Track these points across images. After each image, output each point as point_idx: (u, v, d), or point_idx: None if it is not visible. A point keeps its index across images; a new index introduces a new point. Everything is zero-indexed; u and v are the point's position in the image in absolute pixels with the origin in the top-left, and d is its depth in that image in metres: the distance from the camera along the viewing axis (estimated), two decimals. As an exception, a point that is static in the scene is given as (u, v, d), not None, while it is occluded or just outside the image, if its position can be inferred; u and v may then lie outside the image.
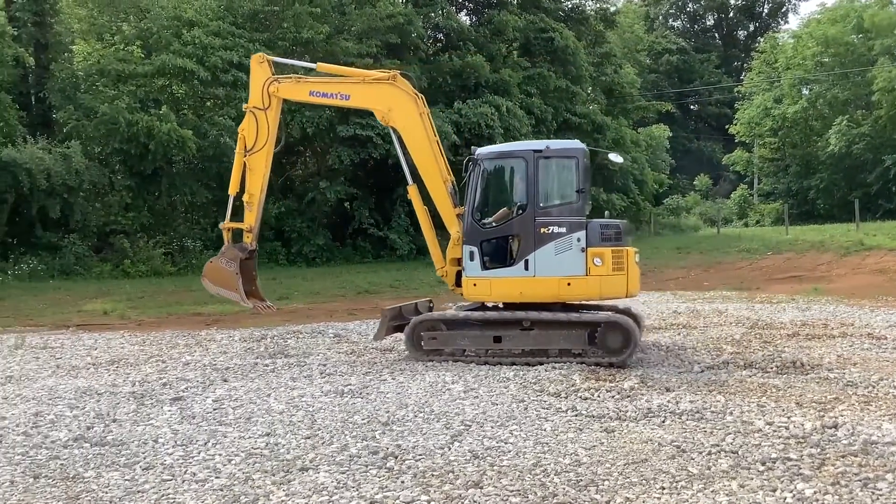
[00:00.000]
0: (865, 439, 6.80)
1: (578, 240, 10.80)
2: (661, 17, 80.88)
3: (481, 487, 5.97)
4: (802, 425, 7.31)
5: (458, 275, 11.67)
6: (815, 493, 5.66)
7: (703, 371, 10.23)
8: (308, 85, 12.73)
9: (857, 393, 8.73)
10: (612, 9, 50.02)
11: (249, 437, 7.45)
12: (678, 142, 63.82)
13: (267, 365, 11.38)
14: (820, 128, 51.24)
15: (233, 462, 6.71)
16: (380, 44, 33.16)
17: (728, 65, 77.99)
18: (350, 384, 9.79)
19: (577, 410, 8.22)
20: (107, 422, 8.17)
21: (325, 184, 32.10)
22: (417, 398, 8.94)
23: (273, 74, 12.47)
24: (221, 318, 17.19)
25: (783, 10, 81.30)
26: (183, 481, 6.29)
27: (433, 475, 6.27)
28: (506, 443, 7.11)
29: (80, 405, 8.93)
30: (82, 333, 15.34)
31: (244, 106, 12.65)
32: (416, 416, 8.11)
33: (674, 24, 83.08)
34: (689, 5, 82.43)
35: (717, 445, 6.82)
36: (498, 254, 11.21)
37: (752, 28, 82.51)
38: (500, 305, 11.58)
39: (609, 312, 11.27)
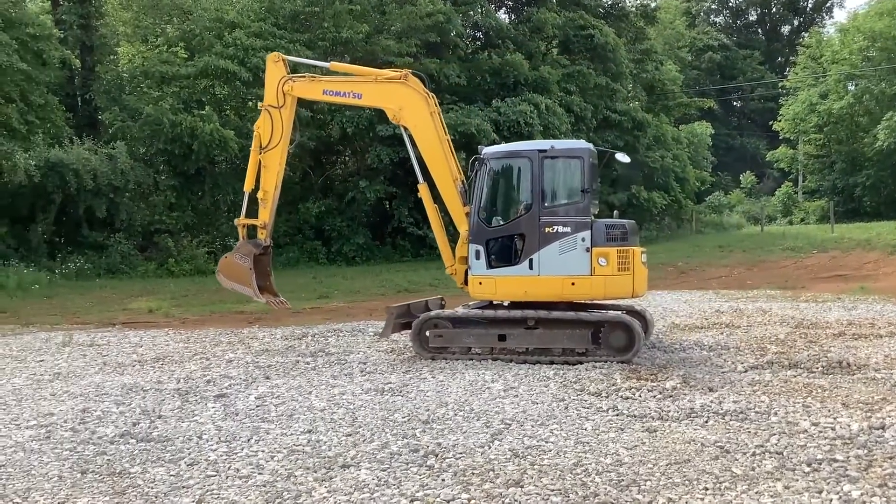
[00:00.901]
0: (915, 441, 6.67)
1: (583, 239, 10.78)
2: (702, 13, 79.91)
3: (522, 486, 5.96)
4: (849, 426, 7.18)
5: (467, 273, 11.71)
6: (861, 494, 5.57)
7: (746, 371, 10.10)
8: (321, 84, 12.86)
9: (905, 394, 8.56)
10: (653, 5, 49.60)
11: (291, 434, 7.52)
12: (721, 139, 63.08)
13: (308, 363, 11.47)
14: (866, 124, 50.26)
15: (275, 458, 6.78)
16: (419, 43, 33.24)
17: (771, 60, 76.84)
18: (390, 382, 9.84)
19: (618, 410, 8.16)
20: (152, 418, 8.30)
21: (364, 183, 32.27)
22: (457, 397, 8.95)
23: (288, 73, 12.60)
24: (263, 317, 17.36)
25: (828, 4, 79.89)
26: (227, 477, 6.37)
27: (473, 473, 6.28)
28: (546, 442, 7.09)
29: (127, 402, 9.08)
30: (128, 331, 15.59)
31: (259, 104, 12.84)
32: (456, 415, 8.12)
33: (716, 19, 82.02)
34: (732, 0, 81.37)
35: (762, 446, 6.73)
36: (503, 253, 11.23)
37: (796, 23, 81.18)
38: (506, 304, 11.59)
39: (614, 312, 11.26)
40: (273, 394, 9.33)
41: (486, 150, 11.66)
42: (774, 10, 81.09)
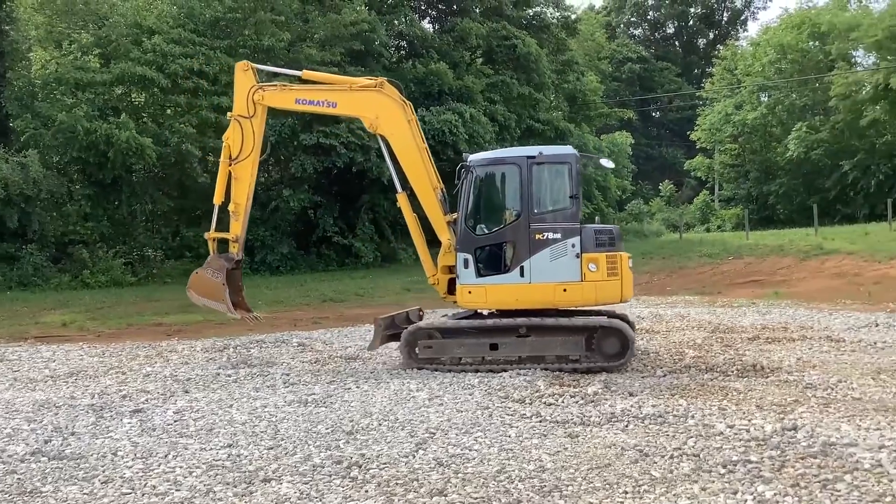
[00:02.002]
0: (824, 441, 6.89)
1: (573, 245, 10.79)
2: (622, 26, 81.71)
3: (445, 495, 5.96)
4: (763, 428, 7.39)
5: (450, 283, 11.62)
6: (775, 494, 5.73)
7: (665, 375, 10.32)
8: (294, 93, 12.57)
9: (816, 395, 8.85)
10: (573, 17, 50.42)
11: (211, 449, 7.36)
12: (640, 149, 64.50)
13: (229, 375, 11.27)
14: (779, 134, 52.07)
15: (194, 474, 6.63)
16: (343, 51, 33.10)
17: (689, 72, 79.03)
18: (314, 393, 9.73)
19: (541, 416, 8.23)
20: (65, 435, 8.04)
21: (288, 192, 31.91)
22: (382, 406, 8.91)
23: (258, 82, 12.38)
24: (183, 329, 17.00)
25: (742, 17, 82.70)
26: (143, 494, 6.21)
27: (397, 484, 6.25)
28: (470, 450, 7.11)
29: (38, 418, 8.78)
30: (40, 346, 15.07)
31: (228, 114, 12.51)
32: (380, 425, 8.08)
33: (634, 32, 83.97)
34: (650, 14, 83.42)
35: (679, 449, 6.87)
36: (493, 261, 11.12)
37: (711, 36, 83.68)
38: (486, 313, 11.49)
39: (604, 317, 11.27)
40: (192, 408, 9.13)
41: (472, 158, 11.56)
42: (691, 23, 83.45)
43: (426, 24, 42.71)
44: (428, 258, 12.01)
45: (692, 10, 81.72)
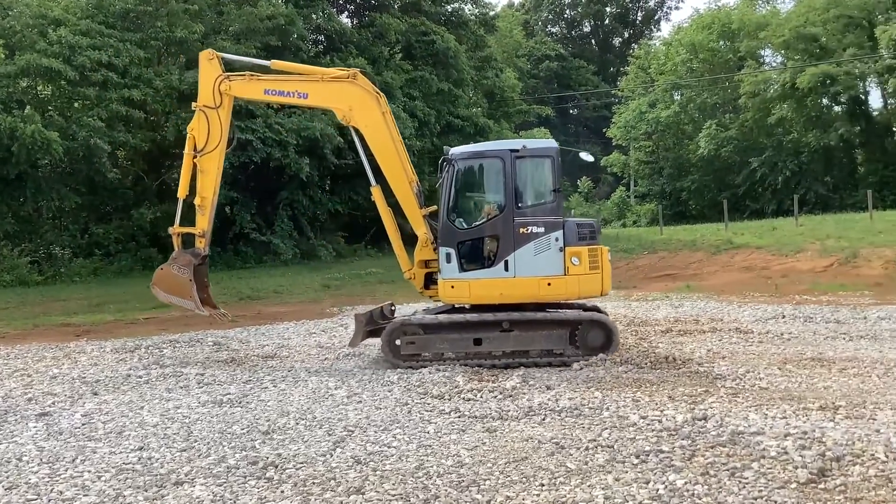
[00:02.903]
0: (733, 430, 7.08)
1: (556, 239, 10.77)
2: (539, 23, 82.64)
3: (363, 493, 5.92)
4: (674, 418, 7.56)
5: (427, 277, 11.51)
6: (685, 483, 5.86)
7: (581, 368, 10.44)
8: (262, 83, 12.30)
9: (725, 385, 9.11)
10: (492, 13, 50.73)
11: (121, 452, 7.16)
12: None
13: (141, 376, 10.97)
14: (691, 131, 53.54)
15: (103, 479, 6.44)
16: (259, 45, 32.54)
17: (605, 70, 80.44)
18: (229, 393, 9.56)
19: (460, 412, 8.26)
20: (-36, 442, 7.69)
21: (203, 188, 31.22)
22: (299, 405, 8.81)
23: (223, 71, 12.04)
24: (92, 329, 16.47)
25: (656, 17, 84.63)
26: (49, 500, 6.01)
27: (314, 483, 6.18)
28: (389, 447, 7.08)
29: (-65, 425, 8.38)
30: (-61, 348, 14.41)
31: (193, 104, 12.21)
32: (297, 424, 7.98)
33: (552, 30, 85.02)
34: (567, 12, 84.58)
35: (594, 441, 6.98)
36: (476, 255, 11.02)
37: (626, 35, 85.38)
38: (467, 307, 11.38)
39: (588, 311, 11.34)
40: (101, 410, 8.86)
41: (454, 151, 11.39)
42: (607, 21, 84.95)
43: (345, 19, 42.40)
44: (403, 252, 11.90)
45: (608, 9, 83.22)
